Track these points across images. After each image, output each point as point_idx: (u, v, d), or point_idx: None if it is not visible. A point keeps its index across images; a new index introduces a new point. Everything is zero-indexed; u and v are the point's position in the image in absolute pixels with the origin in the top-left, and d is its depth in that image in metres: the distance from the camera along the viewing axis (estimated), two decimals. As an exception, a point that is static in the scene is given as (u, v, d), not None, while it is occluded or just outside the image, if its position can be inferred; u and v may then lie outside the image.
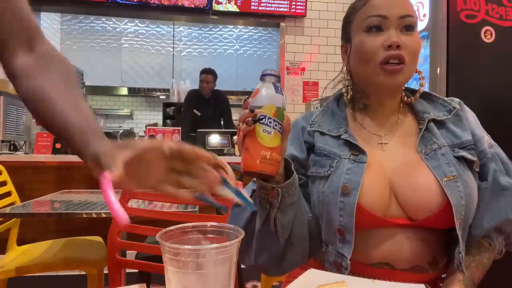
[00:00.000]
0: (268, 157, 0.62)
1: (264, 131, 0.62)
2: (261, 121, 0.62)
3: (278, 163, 0.63)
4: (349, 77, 0.85)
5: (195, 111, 3.99)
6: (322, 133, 0.81)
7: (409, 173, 0.74)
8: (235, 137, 0.62)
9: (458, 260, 0.72)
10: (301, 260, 0.77)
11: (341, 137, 0.79)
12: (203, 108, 4.00)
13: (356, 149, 0.77)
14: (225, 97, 4.12)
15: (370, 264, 0.74)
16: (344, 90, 0.86)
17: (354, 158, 0.75)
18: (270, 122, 0.62)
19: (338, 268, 0.75)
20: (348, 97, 0.85)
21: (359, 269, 0.74)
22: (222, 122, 4.08)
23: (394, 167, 0.76)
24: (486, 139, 0.82)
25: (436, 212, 0.71)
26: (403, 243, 0.73)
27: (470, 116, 0.83)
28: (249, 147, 0.62)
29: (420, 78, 0.82)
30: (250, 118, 0.62)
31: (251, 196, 0.72)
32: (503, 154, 0.82)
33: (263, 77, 0.67)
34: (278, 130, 0.62)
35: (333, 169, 0.76)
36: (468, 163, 0.76)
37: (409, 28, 0.75)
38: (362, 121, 0.83)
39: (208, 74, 3.88)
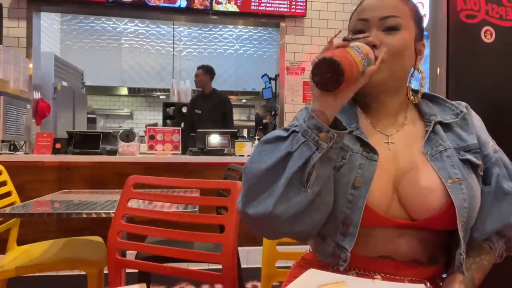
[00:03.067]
0: (351, 61, 0.63)
1: (355, 51, 0.66)
2: (354, 47, 0.66)
3: (353, 76, 0.64)
4: None
5: (196, 110, 4.17)
6: None
7: (414, 173, 0.74)
8: (314, 58, 0.62)
9: (459, 261, 0.72)
10: (315, 227, 0.73)
11: (353, 133, 0.78)
12: (204, 106, 4.17)
13: (367, 147, 0.76)
14: (227, 99, 4.30)
15: (370, 257, 0.76)
16: None
17: (366, 155, 0.75)
18: (361, 52, 0.66)
19: (336, 260, 0.75)
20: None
21: (358, 262, 0.75)
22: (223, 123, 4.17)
23: (399, 167, 0.76)
24: (491, 144, 0.82)
25: (438, 213, 0.71)
26: (402, 242, 0.74)
27: (476, 121, 0.84)
28: (337, 49, 0.65)
29: (421, 78, 0.83)
30: (350, 36, 0.68)
31: (290, 135, 0.70)
32: (507, 160, 0.83)
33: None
34: (363, 63, 0.66)
35: (345, 161, 0.75)
36: (473, 167, 0.77)
37: (392, 28, 0.77)
38: (370, 119, 0.84)
39: (199, 69, 4.21)
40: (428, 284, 0.75)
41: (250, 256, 2.78)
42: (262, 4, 4.21)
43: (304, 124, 0.67)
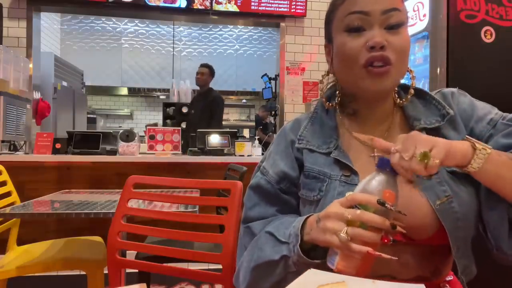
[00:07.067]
0: (368, 268, 0.60)
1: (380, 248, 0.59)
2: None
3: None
4: (334, 80, 0.80)
5: (192, 111, 4.17)
6: (311, 150, 0.75)
7: (402, 195, 0.66)
8: (354, 246, 0.57)
9: (459, 269, 0.70)
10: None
11: (331, 155, 0.73)
12: (197, 106, 4.15)
13: (347, 169, 0.71)
14: (217, 97, 4.18)
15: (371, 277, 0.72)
16: (326, 93, 0.81)
17: (345, 180, 0.70)
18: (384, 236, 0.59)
19: None
20: (337, 100, 0.79)
21: None
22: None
23: None
24: (493, 114, 0.75)
25: (433, 234, 0.68)
26: (405, 258, 0.69)
27: (465, 106, 0.77)
28: (370, 257, 0.58)
29: (411, 78, 0.76)
30: (392, 238, 0.57)
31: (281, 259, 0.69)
32: None
33: (392, 172, 0.60)
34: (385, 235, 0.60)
35: (322, 193, 0.71)
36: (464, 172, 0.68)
37: (395, 26, 0.68)
38: (352, 129, 0.77)
39: (203, 67, 4.14)
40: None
41: (250, 256, 2.77)
42: (262, 4, 4.21)
43: (295, 257, 0.65)
